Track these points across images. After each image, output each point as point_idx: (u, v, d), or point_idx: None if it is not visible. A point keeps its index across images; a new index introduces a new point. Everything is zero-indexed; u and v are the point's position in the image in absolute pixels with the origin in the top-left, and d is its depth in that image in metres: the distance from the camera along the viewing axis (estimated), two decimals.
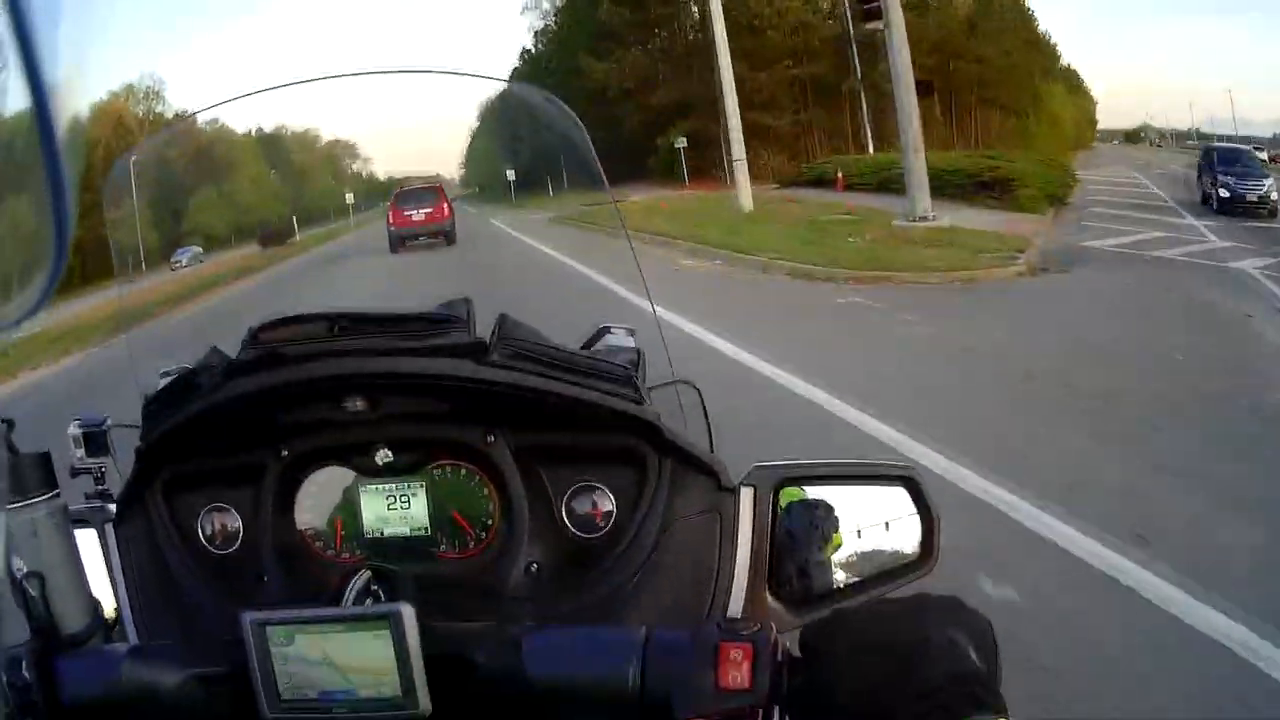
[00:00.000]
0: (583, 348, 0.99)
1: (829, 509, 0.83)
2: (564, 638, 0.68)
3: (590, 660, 0.66)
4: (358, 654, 0.67)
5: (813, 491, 0.83)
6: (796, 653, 0.64)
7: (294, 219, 44.23)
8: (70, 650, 0.73)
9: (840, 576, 0.83)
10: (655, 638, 0.65)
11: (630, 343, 1.05)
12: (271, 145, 77.99)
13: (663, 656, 0.64)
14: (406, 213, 19.21)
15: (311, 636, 0.68)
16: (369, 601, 0.72)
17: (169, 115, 61.93)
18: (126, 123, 55.95)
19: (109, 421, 1.03)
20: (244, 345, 0.82)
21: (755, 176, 37.12)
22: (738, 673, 0.61)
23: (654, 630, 0.65)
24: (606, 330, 1.08)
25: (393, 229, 18.80)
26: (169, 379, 0.92)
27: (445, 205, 19.38)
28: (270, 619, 0.68)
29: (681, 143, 34.91)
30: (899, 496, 0.81)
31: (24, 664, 0.70)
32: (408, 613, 0.66)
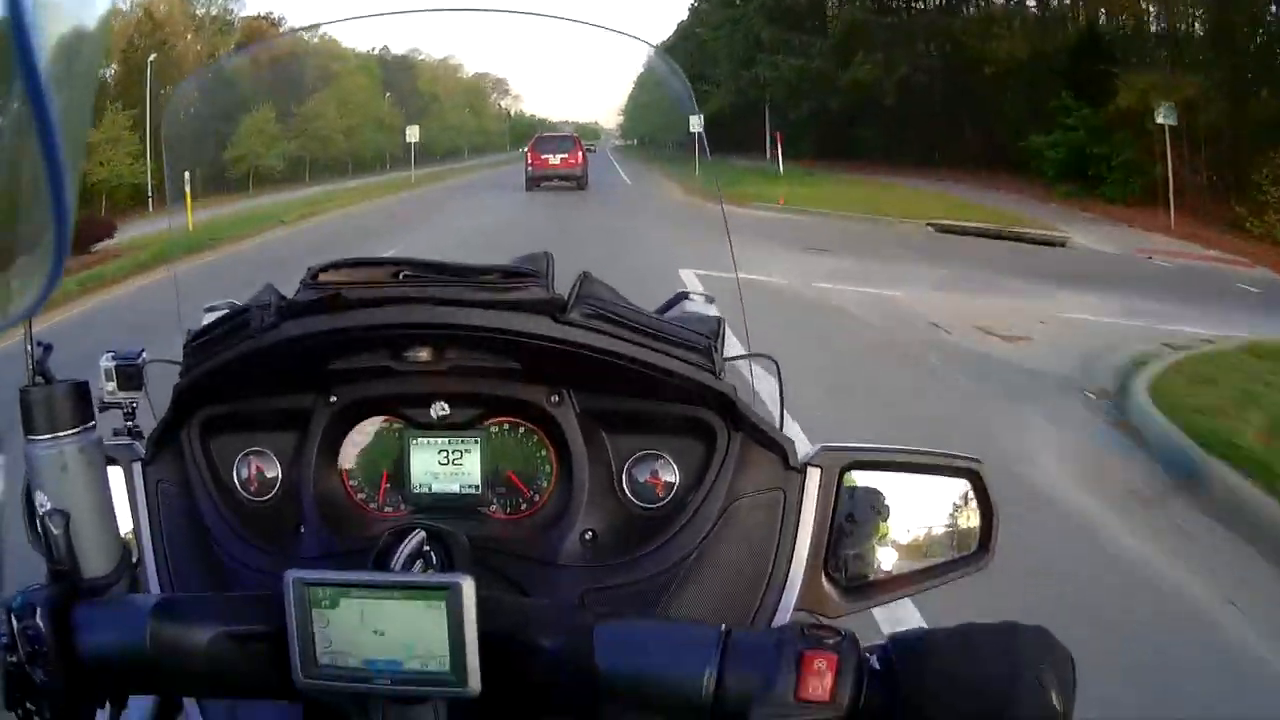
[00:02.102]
0: (659, 311, 1.00)
1: (887, 495, 0.85)
2: (638, 630, 0.68)
3: (664, 657, 0.66)
4: (407, 624, 0.67)
5: (874, 477, 0.84)
6: (875, 663, 0.64)
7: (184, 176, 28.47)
8: (91, 597, 0.73)
9: (895, 564, 0.85)
10: (734, 639, 0.65)
11: (711, 310, 1.05)
12: (386, 66, 64.10)
13: (742, 660, 0.64)
14: (544, 156, 21.65)
15: (357, 601, 0.68)
16: (419, 564, 0.72)
17: (242, 13, 49.89)
18: (172, 20, 44.56)
19: (145, 355, 1.05)
20: (303, 285, 0.82)
21: None
22: (820, 683, 0.62)
23: (733, 630, 0.66)
24: (685, 296, 1.09)
25: (530, 169, 20.86)
26: (216, 314, 0.95)
27: (580, 153, 21.70)
28: (315, 579, 0.68)
29: (1167, 117, 17.42)
30: (959, 487, 0.83)
31: (39, 610, 0.70)
32: (468, 586, 0.66)
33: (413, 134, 27.97)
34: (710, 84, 40.37)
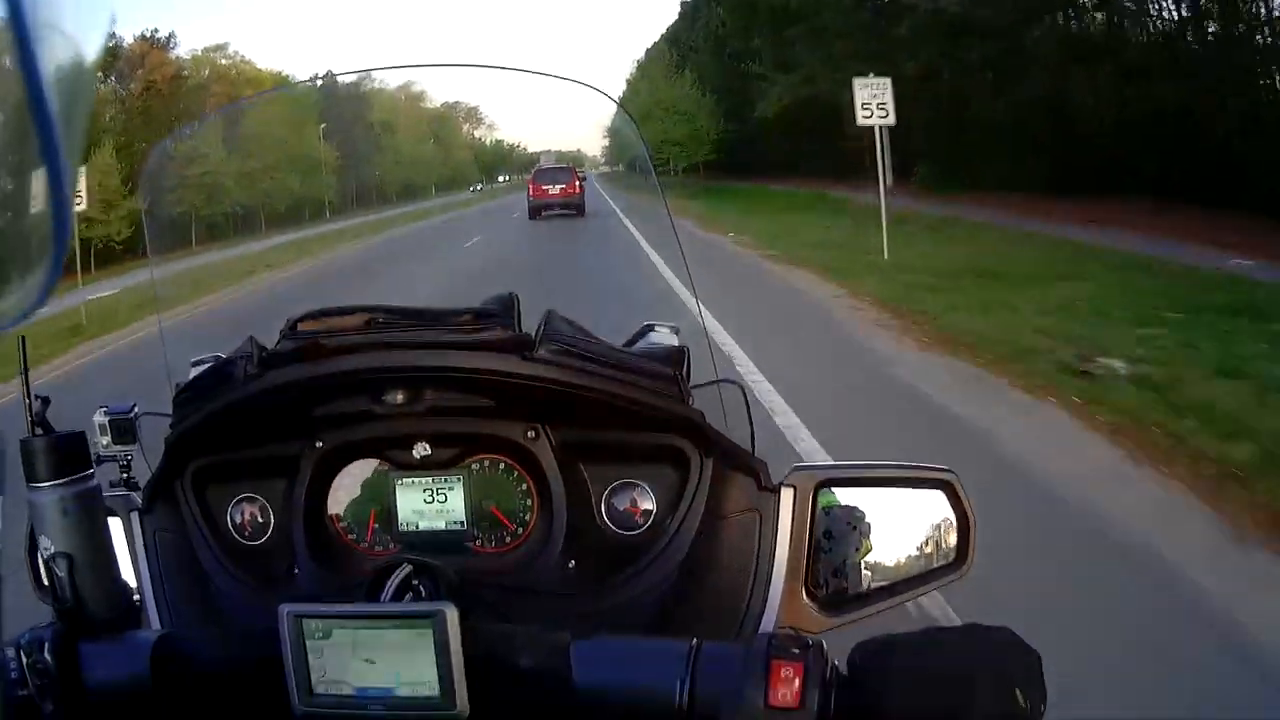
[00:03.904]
0: (626, 344, 1.06)
1: (865, 510, 0.91)
2: (612, 646, 0.75)
3: (638, 670, 0.73)
4: (396, 651, 0.74)
5: (849, 493, 0.91)
6: (843, 670, 0.71)
7: None
8: (95, 634, 0.80)
9: (876, 578, 0.91)
10: (705, 650, 0.72)
11: (674, 341, 1.09)
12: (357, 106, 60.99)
13: (712, 670, 0.70)
14: (544, 186, 23.49)
15: (349, 631, 0.75)
16: (409, 597, 0.79)
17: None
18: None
19: (137, 409, 1.12)
20: (282, 336, 0.90)
21: None
22: (788, 691, 0.66)
23: (703, 642, 0.73)
24: (650, 328, 1.12)
25: (531, 200, 23.37)
26: (202, 367, 1.02)
27: (577, 183, 23.52)
28: (308, 612, 0.76)
29: None
30: (935, 499, 0.88)
31: (46, 646, 0.77)
32: (451, 614, 0.73)
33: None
34: (751, 63, 25.72)
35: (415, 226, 24.22)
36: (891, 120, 10.69)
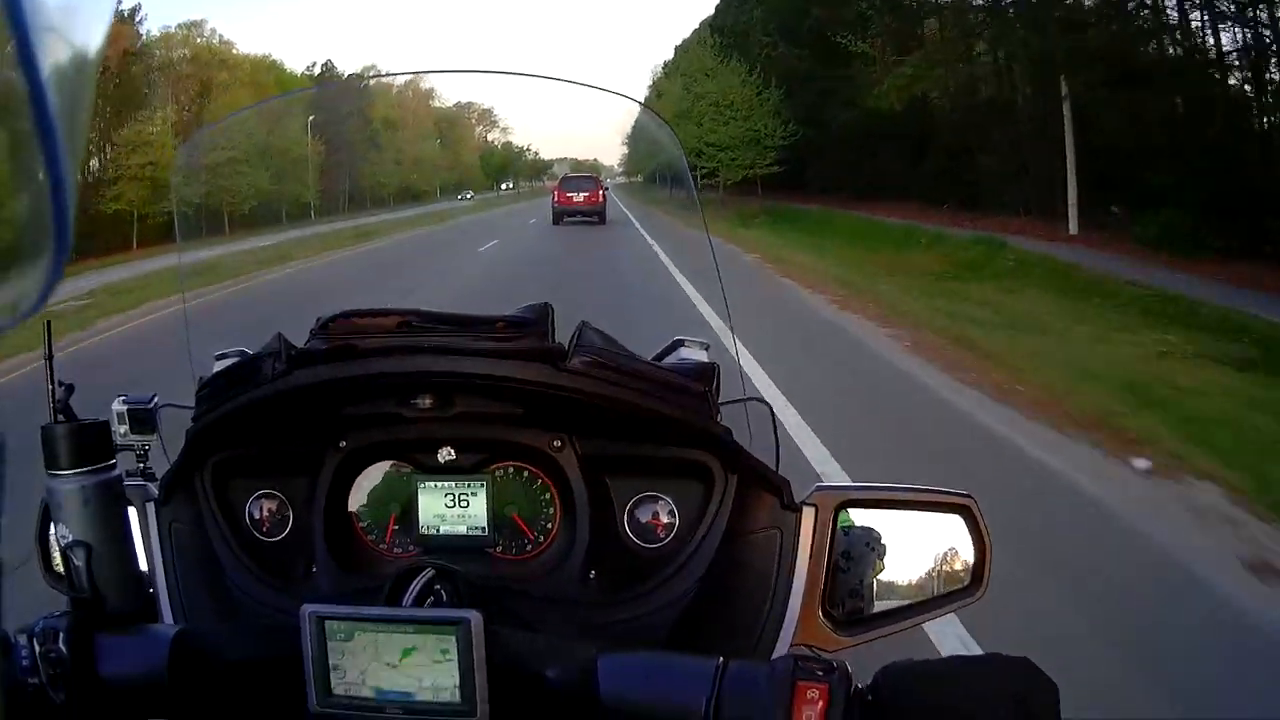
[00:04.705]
0: (656, 358, 1.07)
1: (882, 532, 0.91)
2: (639, 661, 0.76)
3: (664, 687, 0.73)
4: (419, 656, 0.75)
5: (868, 515, 0.91)
6: (867, 693, 0.73)
7: None
8: (111, 626, 0.80)
9: (891, 600, 0.91)
10: (730, 670, 0.73)
11: (704, 357, 1.09)
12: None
13: (737, 690, 0.71)
14: (568, 194, 25.34)
15: (370, 634, 0.76)
16: (430, 601, 0.80)
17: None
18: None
19: (157, 400, 1.11)
20: (313, 335, 0.90)
21: None
22: (812, 713, 0.67)
23: (730, 661, 0.74)
24: (680, 343, 1.13)
25: (556, 205, 25.45)
26: (226, 361, 1.02)
27: (600, 192, 25.33)
28: (331, 613, 0.76)
29: None
30: (952, 523, 0.89)
31: (61, 636, 0.76)
32: (476, 621, 0.74)
33: None
34: (849, 37, 18.99)
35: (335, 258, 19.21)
36: None
